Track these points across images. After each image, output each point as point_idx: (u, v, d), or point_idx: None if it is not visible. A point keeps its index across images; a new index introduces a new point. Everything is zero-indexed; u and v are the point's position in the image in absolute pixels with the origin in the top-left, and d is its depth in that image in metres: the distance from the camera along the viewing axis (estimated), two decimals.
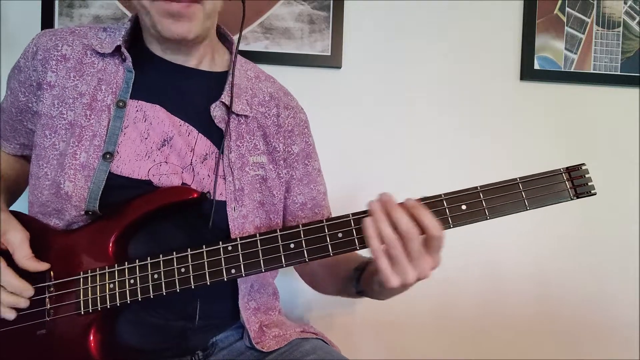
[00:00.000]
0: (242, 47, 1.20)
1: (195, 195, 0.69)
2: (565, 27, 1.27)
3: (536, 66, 1.26)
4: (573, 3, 1.26)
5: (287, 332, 0.81)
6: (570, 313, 1.29)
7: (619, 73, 1.27)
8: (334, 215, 0.64)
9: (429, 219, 0.58)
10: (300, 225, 0.64)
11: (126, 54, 0.73)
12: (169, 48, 0.76)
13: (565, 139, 1.29)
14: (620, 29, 1.27)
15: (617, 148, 1.29)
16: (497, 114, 1.28)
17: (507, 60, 1.27)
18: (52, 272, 0.69)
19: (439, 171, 1.27)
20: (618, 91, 1.29)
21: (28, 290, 0.67)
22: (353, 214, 0.63)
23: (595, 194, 0.62)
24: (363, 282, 0.73)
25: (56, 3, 1.17)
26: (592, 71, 1.27)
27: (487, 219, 0.62)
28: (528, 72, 1.26)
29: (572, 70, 1.27)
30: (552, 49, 1.26)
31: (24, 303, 0.67)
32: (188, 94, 0.77)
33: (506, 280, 1.28)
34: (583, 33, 1.27)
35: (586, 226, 1.29)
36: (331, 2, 1.21)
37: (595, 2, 1.27)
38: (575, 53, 1.27)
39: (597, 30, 1.27)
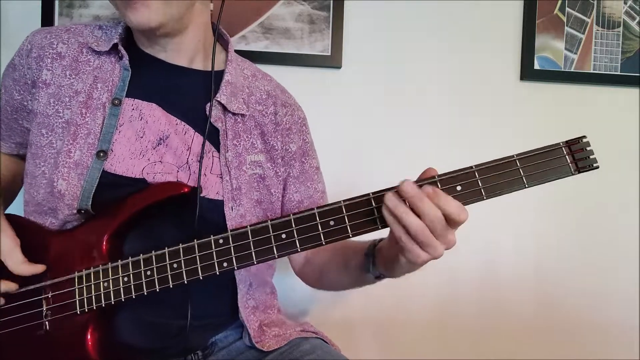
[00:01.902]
0: (242, 47, 1.20)
1: (186, 190, 0.68)
2: (565, 27, 1.26)
3: (536, 66, 1.26)
4: (573, 3, 1.26)
5: (287, 331, 0.81)
6: (570, 313, 1.29)
7: (619, 73, 1.27)
8: None
9: (454, 206, 0.56)
10: (291, 215, 0.62)
11: (123, 52, 0.73)
12: (151, 43, 0.75)
13: (565, 139, 1.28)
14: (620, 29, 1.27)
15: (617, 148, 1.29)
16: (497, 114, 1.27)
17: (507, 60, 1.27)
18: (48, 273, 0.68)
19: (439, 171, 1.26)
20: (618, 91, 1.29)
21: None
22: (344, 201, 0.62)
23: (598, 167, 0.58)
24: (380, 265, 0.70)
25: (56, 3, 1.17)
26: (592, 71, 1.27)
27: (484, 199, 0.59)
28: (528, 72, 1.26)
29: (572, 70, 1.26)
30: (552, 49, 1.26)
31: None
32: (184, 93, 0.77)
33: (506, 280, 1.28)
34: (583, 33, 1.27)
35: (586, 225, 1.28)
36: (331, 2, 1.21)
37: (595, 2, 1.27)
38: (575, 53, 1.27)
39: (597, 30, 1.27)
